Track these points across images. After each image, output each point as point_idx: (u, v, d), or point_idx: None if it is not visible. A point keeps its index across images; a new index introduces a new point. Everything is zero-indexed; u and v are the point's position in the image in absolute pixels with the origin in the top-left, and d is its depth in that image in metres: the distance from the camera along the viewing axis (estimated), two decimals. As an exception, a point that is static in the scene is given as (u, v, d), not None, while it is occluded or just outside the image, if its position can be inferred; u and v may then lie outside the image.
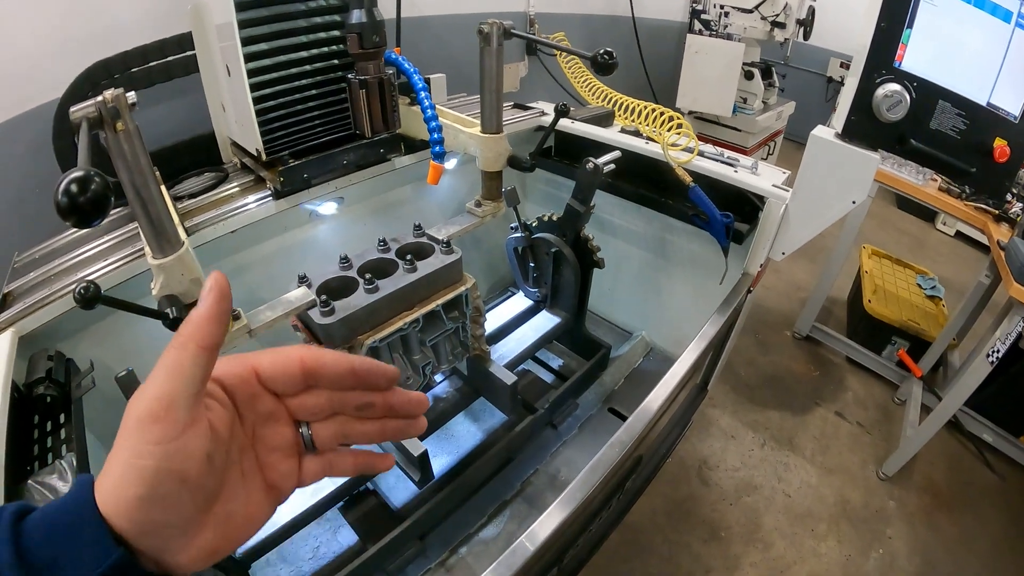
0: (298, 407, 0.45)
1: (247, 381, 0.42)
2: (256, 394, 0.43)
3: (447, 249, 1.27)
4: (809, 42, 4.23)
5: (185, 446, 0.35)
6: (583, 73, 2.62)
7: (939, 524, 2.23)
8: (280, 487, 0.44)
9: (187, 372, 0.36)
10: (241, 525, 0.41)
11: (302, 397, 0.45)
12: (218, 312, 0.38)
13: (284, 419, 0.45)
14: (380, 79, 1.30)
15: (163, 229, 0.87)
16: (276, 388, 0.44)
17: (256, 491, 0.42)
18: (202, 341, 0.36)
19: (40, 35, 1.68)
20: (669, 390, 1.19)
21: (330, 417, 0.46)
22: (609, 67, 1.16)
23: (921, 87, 1.19)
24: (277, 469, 0.44)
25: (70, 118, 0.73)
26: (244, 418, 0.43)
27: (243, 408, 0.42)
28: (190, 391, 0.36)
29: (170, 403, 0.35)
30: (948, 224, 4.48)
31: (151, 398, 0.35)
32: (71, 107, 0.73)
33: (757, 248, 1.59)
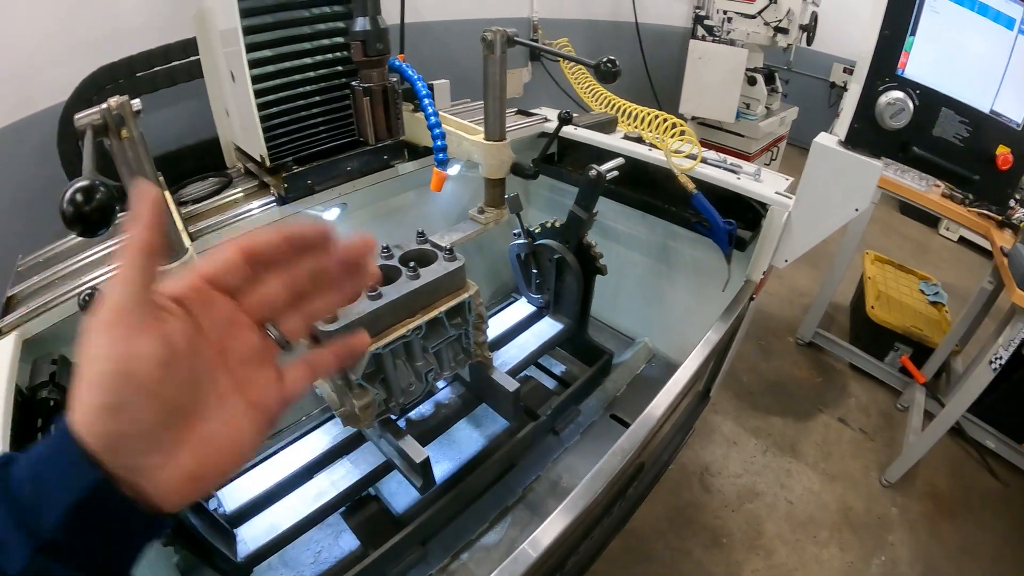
0: (257, 304, 0.44)
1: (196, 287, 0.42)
2: (210, 298, 0.42)
3: (450, 256, 1.28)
4: (812, 47, 4.23)
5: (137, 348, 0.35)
6: (587, 79, 2.63)
7: (941, 531, 2.22)
8: (263, 403, 0.43)
9: (129, 277, 0.37)
10: (225, 448, 0.40)
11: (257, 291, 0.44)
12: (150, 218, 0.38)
13: (246, 323, 0.44)
14: (384, 86, 1.31)
15: (168, 236, 0.87)
16: (226, 283, 0.43)
17: (236, 411, 0.42)
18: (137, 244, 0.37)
19: (45, 38, 1.68)
20: (672, 397, 1.19)
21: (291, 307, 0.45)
22: (613, 75, 1.16)
23: (924, 94, 1.19)
24: (255, 382, 0.43)
25: (75, 125, 0.73)
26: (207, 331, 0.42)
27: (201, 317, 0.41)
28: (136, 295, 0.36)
29: (119, 309, 0.36)
30: (951, 230, 4.47)
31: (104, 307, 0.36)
32: (76, 114, 0.74)
33: (760, 255, 1.59)
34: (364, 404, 1.22)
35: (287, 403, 0.45)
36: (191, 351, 0.40)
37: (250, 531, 1.34)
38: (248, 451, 0.42)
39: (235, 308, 0.43)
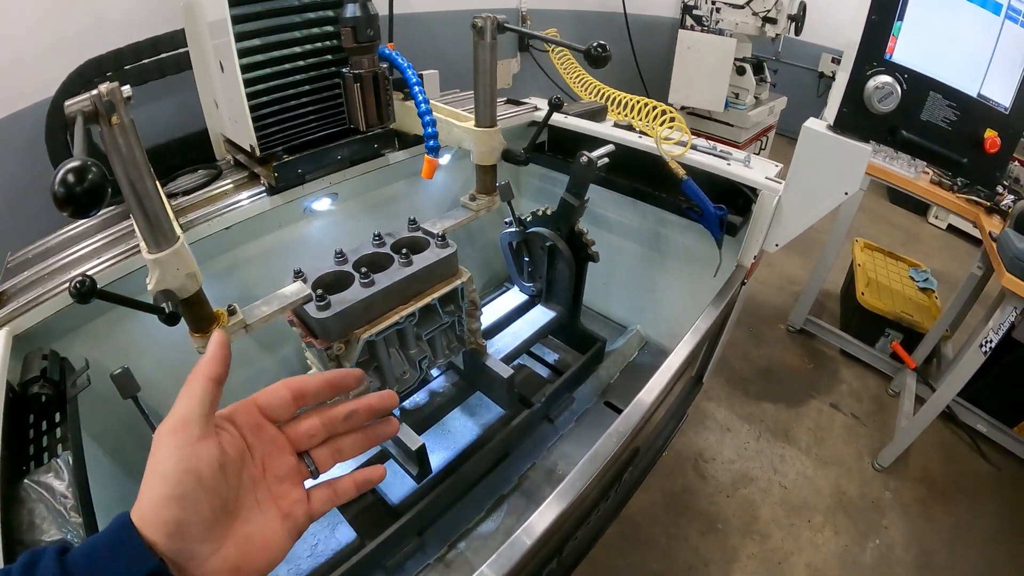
0: (297, 435, 0.54)
1: (250, 412, 0.52)
2: (259, 424, 0.52)
3: (442, 243, 1.27)
4: (800, 38, 4.25)
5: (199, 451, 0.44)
6: (575, 69, 2.62)
7: (935, 514, 2.24)
8: (293, 515, 0.51)
9: (197, 397, 0.46)
10: (260, 548, 0.47)
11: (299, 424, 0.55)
12: (219, 355, 0.49)
13: (287, 448, 0.53)
14: (374, 72, 1.30)
15: (159, 223, 0.86)
16: (274, 415, 0.53)
17: (272, 518, 0.50)
18: (208, 374, 0.47)
19: (30, 33, 1.66)
20: (664, 381, 1.20)
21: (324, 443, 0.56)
22: (603, 60, 1.16)
23: (912, 79, 1.20)
24: (288, 497, 0.52)
25: (65, 112, 0.72)
26: (253, 449, 0.51)
27: (251, 437, 0.51)
28: (201, 412, 0.45)
29: (185, 420, 0.45)
30: (940, 218, 4.51)
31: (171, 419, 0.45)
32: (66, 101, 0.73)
33: (751, 240, 1.59)
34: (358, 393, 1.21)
35: (312, 520, 0.53)
36: (240, 461, 0.49)
37: (246, 524, 1.34)
38: (281, 554, 0.49)
39: (279, 434, 0.54)
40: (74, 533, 0.85)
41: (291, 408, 0.54)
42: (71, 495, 0.89)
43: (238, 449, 0.49)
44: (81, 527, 0.86)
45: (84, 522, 0.87)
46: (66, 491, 0.90)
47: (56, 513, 0.86)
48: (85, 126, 0.72)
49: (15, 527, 0.83)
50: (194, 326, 1.00)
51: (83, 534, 0.86)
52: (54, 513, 0.86)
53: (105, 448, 1.36)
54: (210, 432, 0.46)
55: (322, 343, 1.15)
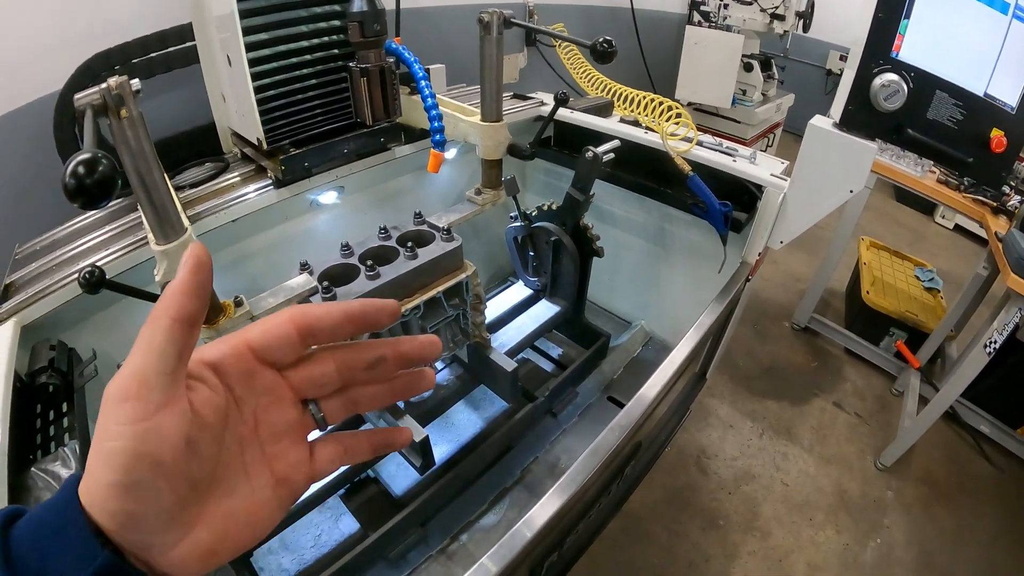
0: (304, 381, 0.41)
1: (240, 357, 0.39)
2: (252, 370, 0.39)
3: (447, 236, 1.28)
4: (809, 35, 4.23)
5: (158, 426, 0.32)
6: (582, 64, 2.62)
7: (936, 514, 2.24)
8: (291, 480, 0.41)
9: (159, 347, 0.33)
10: (244, 525, 0.38)
11: (308, 367, 0.41)
12: (194, 283, 0.34)
13: (288, 398, 0.41)
14: (381, 67, 1.30)
15: (167, 215, 0.88)
16: (273, 358, 0.40)
17: (262, 487, 0.39)
18: (175, 312, 0.33)
19: (38, 27, 1.67)
20: (667, 377, 1.20)
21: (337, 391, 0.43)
22: (608, 55, 1.16)
23: (918, 77, 1.20)
24: (285, 459, 0.41)
25: (74, 105, 0.73)
26: (243, 403, 0.39)
27: (240, 389, 0.39)
28: (163, 367, 0.33)
29: (141, 380, 0.32)
30: (947, 217, 4.49)
31: (126, 375, 0.32)
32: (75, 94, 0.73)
33: (755, 237, 1.60)
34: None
35: (314, 482, 0.43)
36: (220, 425, 0.37)
37: (249, 513, 1.35)
38: (269, 526, 0.40)
39: (278, 381, 0.41)
40: (81, 521, 0.86)
41: (297, 349, 0.40)
42: (77, 484, 0.90)
43: (219, 409, 0.37)
44: (87, 516, 0.87)
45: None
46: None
47: (62, 502, 0.87)
48: (94, 119, 0.73)
49: None
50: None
51: None
52: (60, 502, 0.87)
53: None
54: (176, 396, 0.33)
55: (327, 335, 1.16)
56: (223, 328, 1.03)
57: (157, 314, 0.34)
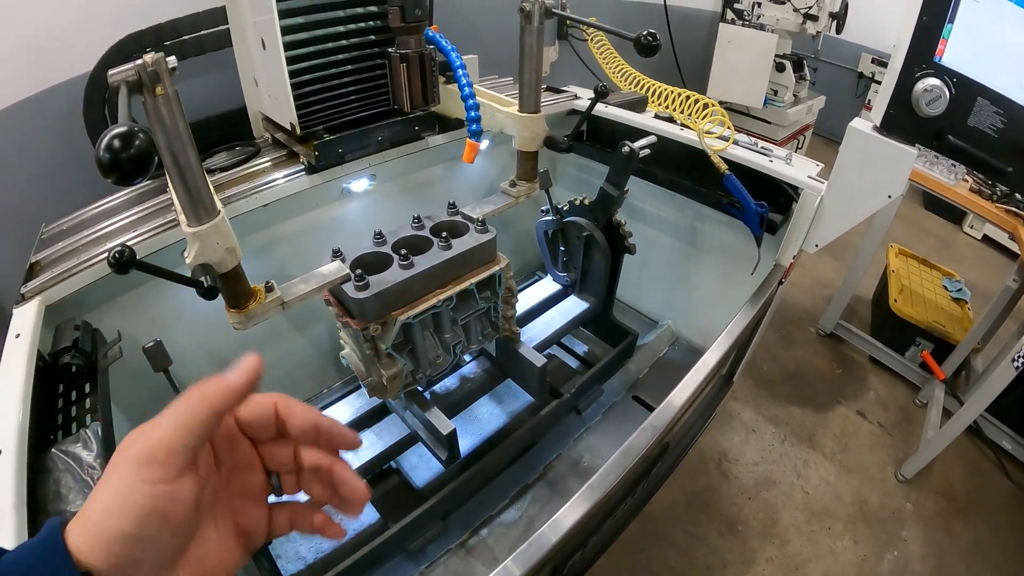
0: (270, 457, 0.48)
1: (229, 426, 0.45)
2: (235, 438, 0.46)
3: (482, 228, 1.26)
4: (841, 37, 4.15)
5: (178, 491, 0.37)
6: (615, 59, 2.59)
7: (954, 529, 2.20)
8: (251, 532, 0.46)
9: (195, 428, 0.38)
10: (213, 568, 0.42)
11: (274, 447, 0.48)
12: (243, 388, 0.41)
13: (258, 467, 0.48)
14: (421, 53, 1.29)
15: (200, 196, 0.86)
16: (254, 433, 0.47)
17: (228, 536, 0.45)
18: (217, 405, 0.40)
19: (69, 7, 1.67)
20: (700, 378, 1.18)
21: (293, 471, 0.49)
22: (652, 49, 1.13)
23: (960, 83, 1.16)
24: (247, 514, 0.46)
25: (108, 81, 0.72)
26: (222, 463, 0.45)
27: (222, 453, 0.45)
28: (192, 443, 0.38)
29: (171, 449, 0.37)
30: (975, 227, 4.39)
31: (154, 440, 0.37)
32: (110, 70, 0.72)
33: (790, 239, 1.56)
34: (392, 374, 1.22)
35: (271, 540, 0.49)
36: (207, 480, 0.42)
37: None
38: (235, 569, 0.45)
39: (252, 451, 0.47)
40: (99, 504, 0.85)
41: (271, 432, 0.47)
42: (99, 466, 0.89)
43: (210, 467, 0.43)
44: (106, 498, 0.86)
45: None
46: (94, 462, 0.90)
47: (83, 483, 0.87)
48: (128, 95, 0.71)
49: (40, 496, 0.83)
50: (231, 301, 1.00)
51: None
52: (80, 483, 0.86)
53: (134, 420, 1.37)
54: (192, 467, 0.39)
55: (359, 323, 1.15)
56: (253, 313, 1.02)
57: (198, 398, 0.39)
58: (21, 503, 0.78)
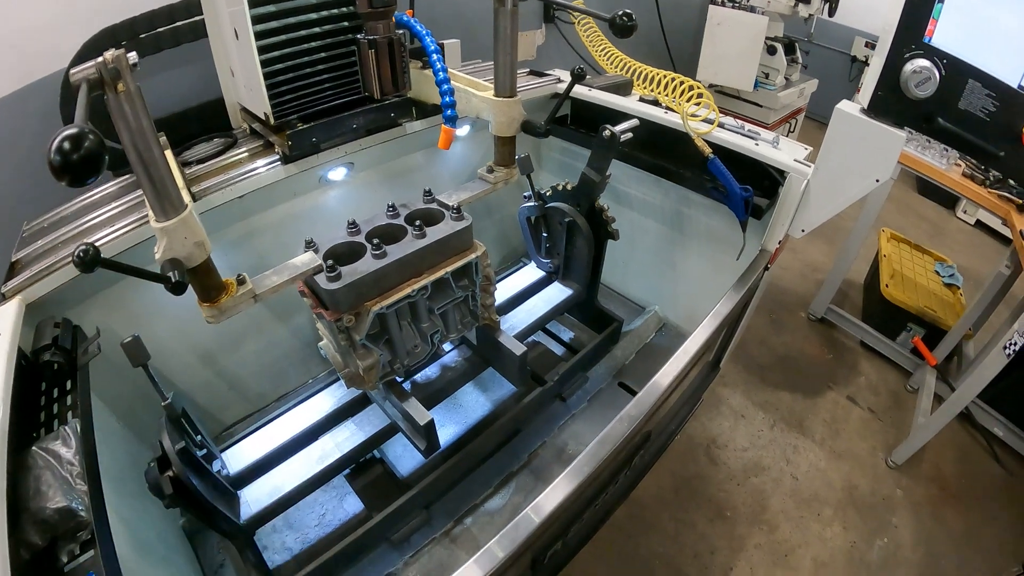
0: None
1: None
2: None
3: (457, 215, 1.25)
4: (834, 20, 4.10)
5: None
6: (601, 41, 2.56)
7: (945, 516, 2.20)
8: None
9: None
10: None
11: None
12: None
13: None
14: (390, 39, 1.26)
15: (166, 192, 0.85)
16: None
17: None
18: None
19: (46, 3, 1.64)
20: (681, 366, 1.17)
21: None
22: (628, 29, 1.11)
23: (951, 65, 1.14)
24: None
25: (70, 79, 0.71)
26: None
27: None
28: None
29: None
30: (968, 212, 4.37)
31: None
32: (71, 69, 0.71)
33: (776, 224, 1.55)
34: (368, 365, 1.20)
35: None
36: None
37: (253, 493, 1.35)
38: None
39: None
40: (79, 501, 0.85)
41: None
42: (78, 463, 0.89)
43: None
44: (86, 495, 0.86)
45: (90, 490, 0.86)
46: (73, 458, 0.89)
47: (62, 480, 0.86)
48: (89, 94, 0.70)
49: (21, 494, 0.83)
50: (203, 295, 0.99)
51: (88, 502, 0.85)
52: (60, 480, 0.86)
53: (118, 413, 1.37)
54: None
55: (332, 314, 1.14)
56: (225, 306, 1.01)
57: None
58: (1, 503, 0.78)
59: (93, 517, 0.85)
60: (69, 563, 0.83)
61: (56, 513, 0.82)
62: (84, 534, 0.85)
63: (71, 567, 0.83)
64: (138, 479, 1.11)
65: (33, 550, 0.81)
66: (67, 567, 0.83)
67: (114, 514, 0.94)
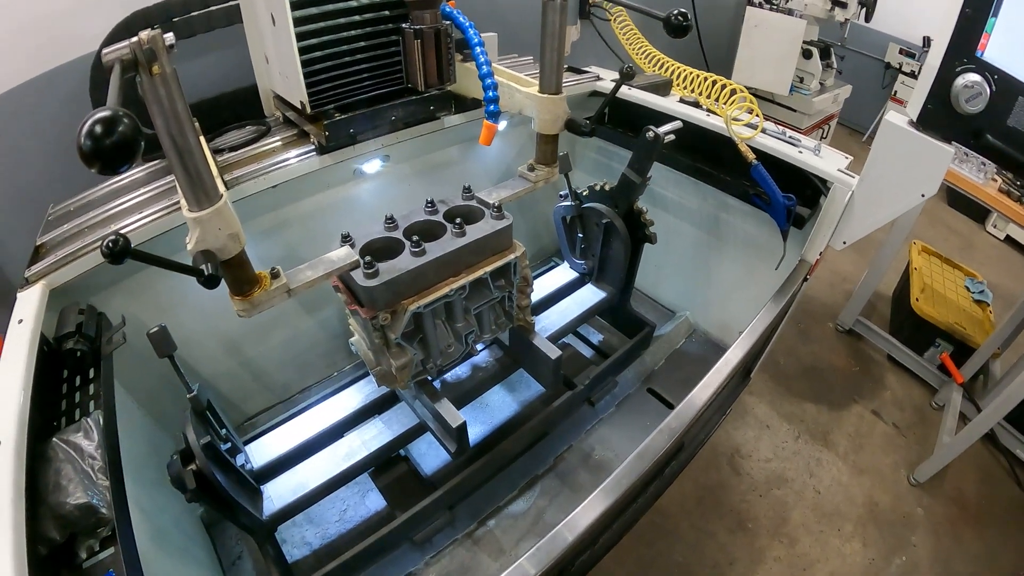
0: None
1: None
2: None
3: (498, 214, 1.22)
4: (869, 25, 4.01)
5: None
6: (639, 40, 2.51)
7: (964, 537, 2.15)
8: None
9: None
10: None
11: None
12: None
13: None
14: (437, 29, 1.23)
15: (200, 180, 0.81)
16: None
17: None
18: None
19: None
20: (721, 378, 1.14)
21: None
22: (683, 29, 1.08)
23: (1002, 81, 1.10)
24: None
25: (102, 59, 0.68)
26: None
27: None
28: None
29: None
30: (999, 227, 4.28)
31: None
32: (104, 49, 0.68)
33: (817, 235, 1.51)
34: (401, 364, 1.18)
35: None
36: None
37: (277, 489, 1.32)
38: None
39: None
40: (100, 497, 0.82)
41: None
42: (100, 456, 0.87)
43: None
44: (108, 491, 0.83)
45: (111, 486, 0.84)
46: (95, 452, 0.87)
47: (83, 475, 0.84)
48: (122, 75, 0.67)
49: (41, 488, 0.81)
50: (235, 288, 0.96)
51: (109, 498, 0.83)
52: (81, 475, 0.84)
53: (140, 400, 1.36)
54: None
55: (367, 312, 1.11)
56: (258, 300, 0.98)
57: None
58: (19, 497, 0.76)
59: (115, 514, 0.83)
60: (88, 559, 0.81)
61: (76, 509, 0.80)
62: (104, 531, 0.83)
63: (90, 563, 0.81)
64: (158, 467, 1.09)
65: (51, 545, 0.79)
66: (86, 563, 0.81)
67: (133, 504, 0.93)
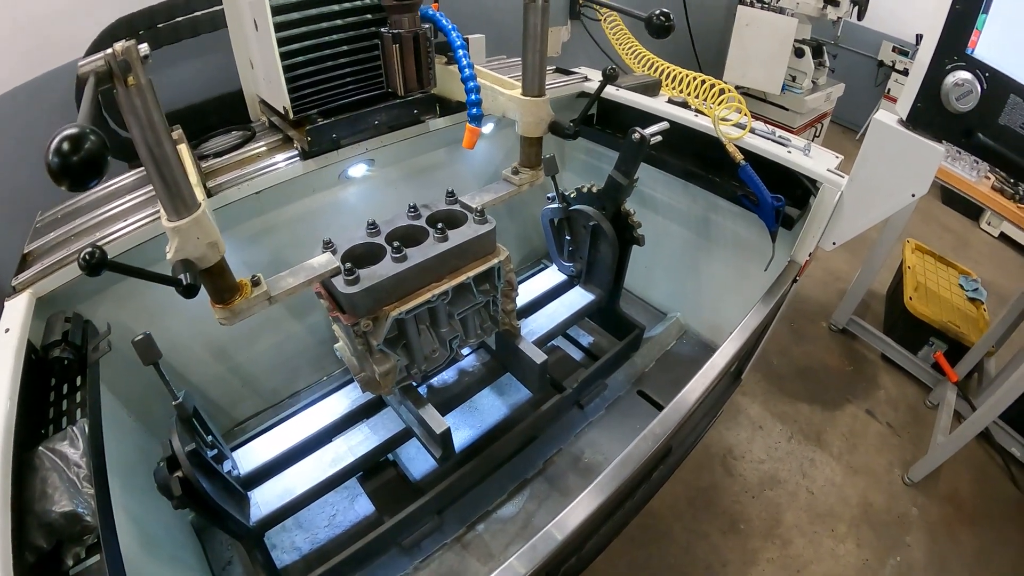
0: None
1: None
2: None
3: (481, 218, 1.21)
4: (862, 24, 4.01)
5: None
6: (628, 39, 2.50)
7: (959, 536, 2.15)
8: None
9: None
10: None
11: None
12: None
13: None
14: (415, 33, 1.23)
15: (177, 190, 0.80)
16: None
17: None
18: None
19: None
20: (708, 382, 1.13)
21: None
22: (665, 30, 1.08)
23: (993, 78, 1.09)
24: None
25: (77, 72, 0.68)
26: None
27: None
28: None
29: None
30: (993, 224, 4.28)
31: None
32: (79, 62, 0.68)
33: (807, 235, 1.50)
34: (385, 370, 1.17)
35: None
36: None
37: (264, 494, 1.32)
38: None
39: None
40: (86, 505, 0.82)
41: None
42: (85, 465, 0.87)
43: None
44: (93, 499, 0.83)
45: (96, 494, 0.84)
46: (80, 460, 0.87)
47: (69, 483, 0.84)
48: (95, 88, 0.66)
49: (27, 496, 0.81)
50: (215, 297, 0.95)
51: (95, 506, 0.83)
52: (67, 483, 0.84)
53: (129, 407, 1.35)
54: None
55: (349, 319, 1.10)
56: (238, 308, 0.97)
57: None
58: (6, 505, 0.76)
59: (99, 522, 0.83)
60: (75, 566, 0.82)
61: (62, 517, 0.81)
62: (90, 538, 0.83)
63: (76, 571, 0.82)
64: (148, 473, 1.08)
65: (38, 553, 0.79)
66: (72, 571, 0.82)
67: (122, 510, 0.93)
